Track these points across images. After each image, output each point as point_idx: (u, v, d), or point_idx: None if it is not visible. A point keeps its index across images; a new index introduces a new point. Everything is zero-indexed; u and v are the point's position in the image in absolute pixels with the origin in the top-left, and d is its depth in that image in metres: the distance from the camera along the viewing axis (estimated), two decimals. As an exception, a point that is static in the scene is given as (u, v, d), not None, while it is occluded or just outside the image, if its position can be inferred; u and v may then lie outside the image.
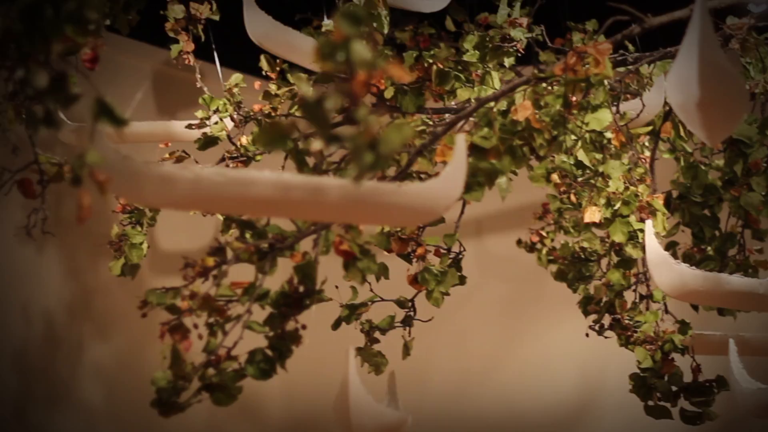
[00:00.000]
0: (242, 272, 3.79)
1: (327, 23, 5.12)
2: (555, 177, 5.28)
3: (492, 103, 4.18)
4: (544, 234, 5.89)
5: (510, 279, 8.35)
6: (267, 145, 2.79)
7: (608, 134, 5.09)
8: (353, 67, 2.68)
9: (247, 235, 3.79)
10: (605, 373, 5.40)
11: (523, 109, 3.98)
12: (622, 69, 5.24)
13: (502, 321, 8.45)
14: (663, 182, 5.53)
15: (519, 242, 6.01)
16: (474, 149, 4.00)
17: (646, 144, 5.57)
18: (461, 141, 3.46)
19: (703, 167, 5.34)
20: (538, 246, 5.90)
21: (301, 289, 3.80)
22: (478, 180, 4.01)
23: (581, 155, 4.94)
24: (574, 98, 4.01)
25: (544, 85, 4.12)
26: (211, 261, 3.68)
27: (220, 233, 4.98)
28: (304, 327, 3.80)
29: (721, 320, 5.56)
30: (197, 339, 3.66)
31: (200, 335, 3.66)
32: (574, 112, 4.05)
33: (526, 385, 8.26)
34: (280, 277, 3.83)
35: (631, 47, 5.45)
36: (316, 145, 2.60)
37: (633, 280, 5.38)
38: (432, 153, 4.19)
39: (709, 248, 5.27)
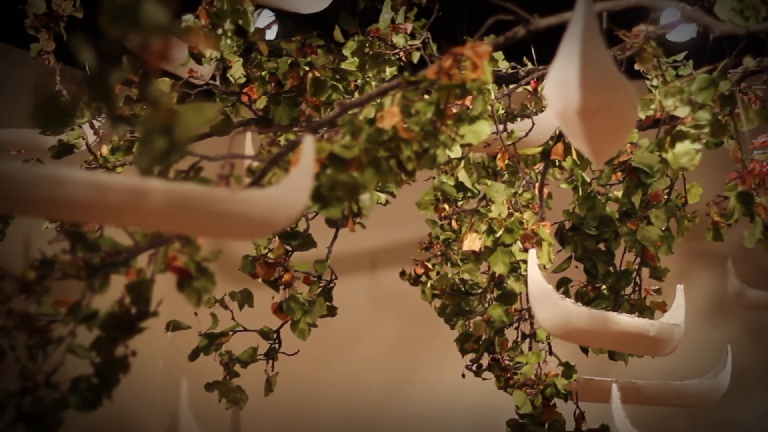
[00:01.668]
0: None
1: (187, 18, 4.64)
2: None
3: (357, 109, 3.70)
4: (429, 266, 5.44)
5: (405, 316, 8.01)
6: (44, 125, 2.35)
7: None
8: (145, 33, 2.25)
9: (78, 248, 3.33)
10: (499, 415, 5.10)
11: (390, 116, 3.49)
12: (514, 86, 4.84)
13: (395, 360, 8.14)
14: (560, 213, 5.16)
15: (402, 274, 5.56)
16: (333, 159, 3.52)
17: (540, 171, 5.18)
18: (309, 143, 3.03)
19: (600, 197, 4.96)
20: (423, 279, 5.45)
21: (134, 310, 3.37)
22: (336, 195, 3.52)
23: (462, 176, 4.53)
24: (451, 106, 3.55)
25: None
26: (32, 275, 3.21)
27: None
28: (134, 353, 3.37)
29: (617, 366, 5.24)
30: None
31: (18, 358, 3.29)
32: (449, 122, 3.57)
33: (418, 427, 7.94)
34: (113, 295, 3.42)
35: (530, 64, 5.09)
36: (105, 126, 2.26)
37: (516, 316, 4.98)
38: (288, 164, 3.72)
39: (603, 286, 4.88)
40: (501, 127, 4.59)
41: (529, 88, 5.25)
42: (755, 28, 3.55)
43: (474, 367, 5.13)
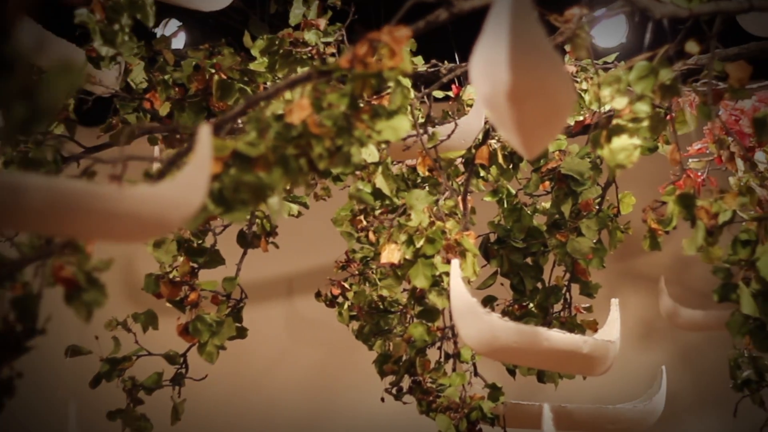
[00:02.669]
0: None
1: (80, 12, 4.31)
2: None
3: (264, 104, 3.39)
4: (346, 286, 5.18)
5: (323, 344, 7.79)
6: None
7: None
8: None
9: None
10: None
11: (299, 110, 3.17)
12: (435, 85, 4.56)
13: (314, 390, 7.91)
14: (484, 226, 4.94)
15: (318, 295, 5.30)
16: (237, 158, 3.20)
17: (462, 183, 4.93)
18: (205, 133, 2.73)
19: (527, 209, 4.72)
20: (340, 300, 5.20)
21: (19, 327, 3.03)
22: (241, 197, 3.20)
23: (380, 182, 4.26)
24: (367, 100, 3.26)
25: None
26: None
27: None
28: (20, 375, 3.05)
29: (544, 390, 5.05)
30: None
31: None
32: (364, 117, 3.26)
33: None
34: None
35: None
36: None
37: (438, 335, 4.68)
38: (187, 164, 3.42)
39: (531, 304, 4.64)
40: (421, 130, 4.32)
41: (450, 93, 5.03)
42: (699, 9, 3.28)
43: (394, 391, 4.85)
